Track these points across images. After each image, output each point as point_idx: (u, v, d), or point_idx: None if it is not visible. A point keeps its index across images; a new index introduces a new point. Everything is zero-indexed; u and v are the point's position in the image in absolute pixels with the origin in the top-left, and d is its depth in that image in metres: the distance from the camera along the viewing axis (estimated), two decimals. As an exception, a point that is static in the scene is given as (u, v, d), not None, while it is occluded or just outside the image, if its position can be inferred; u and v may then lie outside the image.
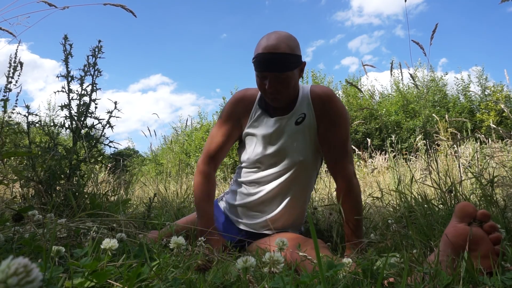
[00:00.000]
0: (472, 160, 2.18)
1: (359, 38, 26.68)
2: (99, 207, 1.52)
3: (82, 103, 1.69)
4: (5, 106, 1.56)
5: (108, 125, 1.74)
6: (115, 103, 1.74)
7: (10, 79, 1.58)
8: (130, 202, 2.11)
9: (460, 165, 1.73)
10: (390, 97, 13.21)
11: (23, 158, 1.58)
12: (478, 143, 4.13)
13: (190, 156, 10.83)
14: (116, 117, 1.74)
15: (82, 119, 1.69)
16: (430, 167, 1.70)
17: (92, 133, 1.74)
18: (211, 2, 39.90)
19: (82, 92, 1.69)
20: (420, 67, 12.95)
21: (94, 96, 1.71)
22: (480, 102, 11.97)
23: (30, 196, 1.58)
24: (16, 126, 1.63)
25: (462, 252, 0.77)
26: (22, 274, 0.30)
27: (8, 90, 1.57)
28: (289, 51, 1.25)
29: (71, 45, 1.66)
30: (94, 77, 1.71)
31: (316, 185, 3.08)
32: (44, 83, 26.35)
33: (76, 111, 1.69)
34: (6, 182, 1.41)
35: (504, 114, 10.09)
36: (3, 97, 1.56)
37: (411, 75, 1.86)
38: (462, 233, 0.80)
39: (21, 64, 1.62)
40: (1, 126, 1.52)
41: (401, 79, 2.01)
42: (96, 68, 1.72)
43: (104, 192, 1.79)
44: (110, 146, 1.78)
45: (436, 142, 3.77)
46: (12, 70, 1.59)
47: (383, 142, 9.71)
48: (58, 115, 12.76)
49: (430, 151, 2.05)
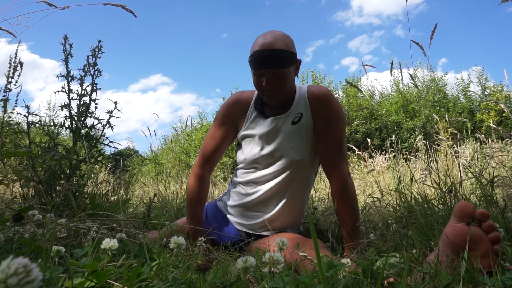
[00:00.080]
0: (472, 160, 2.17)
1: (359, 38, 26.70)
2: (99, 207, 1.52)
3: (82, 103, 1.70)
4: (5, 106, 1.56)
5: (108, 125, 1.74)
6: (115, 103, 1.74)
7: (10, 79, 1.58)
8: (130, 202, 2.11)
9: (460, 165, 1.73)
10: (390, 97, 13.21)
11: (23, 158, 1.58)
12: (478, 143, 4.13)
13: (190, 156, 10.82)
14: (116, 117, 1.74)
15: (82, 119, 1.70)
16: (430, 167, 1.70)
17: (92, 133, 1.74)
18: (211, 2, 39.92)
19: (82, 92, 1.69)
20: (420, 67, 12.96)
21: (94, 96, 1.71)
22: (480, 102, 11.97)
23: (30, 196, 1.58)
24: (16, 126, 1.63)
25: (461, 252, 0.77)
26: (22, 274, 0.30)
27: (8, 90, 1.57)
28: (285, 48, 1.27)
29: (71, 45, 1.66)
30: (94, 77, 1.71)
31: (316, 185, 3.09)
32: (44, 83, 26.38)
33: (76, 111, 1.69)
34: (6, 182, 1.42)
35: (504, 114, 10.08)
36: (3, 97, 1.56)
37: (411, 75, 1.86)
38: (461, 233, 0.80)
39: (21, 64, 1.62)
40: (1, 126, 1.52)
41: (401, 79, 2.01)
42: (96, 68, 1.72)
43: (104, 192, 1.79)
44: (110, 146, 1.78)
45: (436, 142, 3.77)
46: (12, 70, 1.59)
47: (383, 142, 9.71)
48: (58, 115, 12.75)
49: (430, 151, 2.05)
